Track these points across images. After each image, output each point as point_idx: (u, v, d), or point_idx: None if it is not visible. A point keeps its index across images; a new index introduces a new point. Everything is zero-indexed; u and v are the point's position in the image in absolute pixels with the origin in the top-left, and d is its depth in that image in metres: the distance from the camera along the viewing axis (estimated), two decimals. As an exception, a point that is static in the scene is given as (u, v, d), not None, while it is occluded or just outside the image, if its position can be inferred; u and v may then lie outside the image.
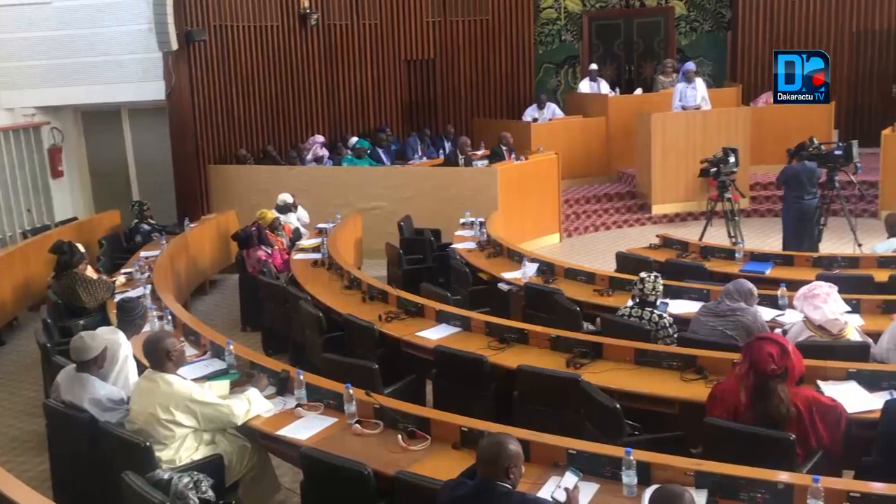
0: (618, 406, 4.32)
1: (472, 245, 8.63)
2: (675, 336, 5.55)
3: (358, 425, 4.43)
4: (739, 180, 10.12)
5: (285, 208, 9.74)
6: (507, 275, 7.44)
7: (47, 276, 7.97)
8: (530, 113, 13.66)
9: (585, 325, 6.22)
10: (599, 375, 4.91)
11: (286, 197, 9.86)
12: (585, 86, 14.11)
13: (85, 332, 4.96)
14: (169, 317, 6.26)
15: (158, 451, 4.40)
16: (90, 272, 7.54)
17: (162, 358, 4.58)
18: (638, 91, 14.02)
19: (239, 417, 4.55)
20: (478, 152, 12.24)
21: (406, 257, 8.78)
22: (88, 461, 4.67)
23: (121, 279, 7.82)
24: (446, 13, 14.35)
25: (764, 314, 5.65)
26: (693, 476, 3.57)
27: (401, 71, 14.20)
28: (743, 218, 10.58)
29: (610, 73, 15.07)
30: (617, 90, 14.14)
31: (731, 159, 9.51)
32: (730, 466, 3.58)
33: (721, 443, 4.03)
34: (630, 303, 5.85)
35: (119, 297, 6.44)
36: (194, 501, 4.04)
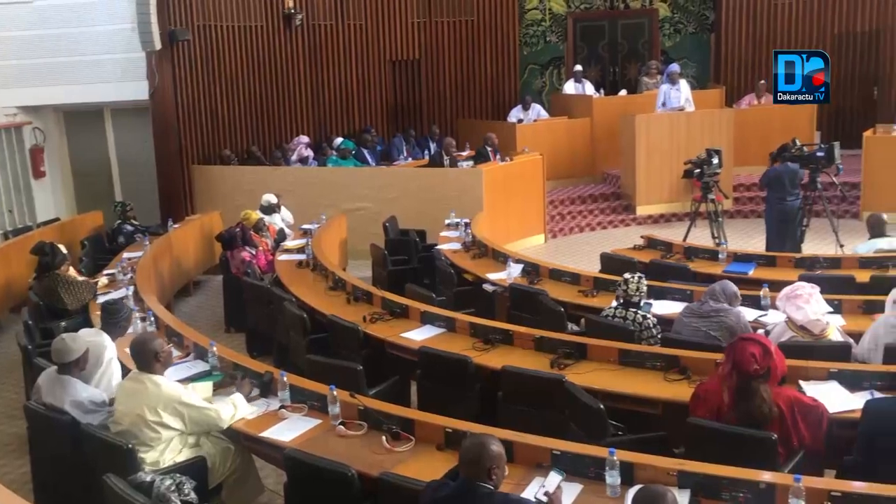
0: (602, 406, 4.33)
1: (457, 246, 8.63)
2: (659, 336, 5.57)
3: (342, 427, 4.42)
4: (723, 181, 10.20)
5: (270, 209, 9.70)
6: (492, 275, 7.45)
7: (29, 278, 7.90)
8: (515, 114, 13.66)
9: (570, 326, 6.24)
10: (583, 376, 4.93)
11: (270, 198, 9.82)
12: (570, 87, 14.12)
13: (67, 334, 4.93)
14: (152, 318, 6.22)
15: (143, 453, 4.39)
16: (72, 273, 7.48)
17: (150, 359, 4.56)
18: (622, 92, 14.04)
19: (225, 422, 4.55)
20: (463, 153, 12.26)
21: (391, 258, 8.77)
22: (70, 464, 4.64)
23: (103, 280, 7.77)
24: (431, 14, 14.35)
25: (747, 315, 5.67)
26: (676, 476, 3.59)
27: (386, 71, 14.19)
28: (726, 219, 10.63)
29: (594, 75, 15.10)
30: (601, 91, 14.16)
31: (715, 161, 9.58)
32: (712, 466, 3.60)
33: (704, 443, 4.05)
34: (614, 303, 5.87)
35: (103, 299, 6.38)
36: (177, 504, 4.03)
